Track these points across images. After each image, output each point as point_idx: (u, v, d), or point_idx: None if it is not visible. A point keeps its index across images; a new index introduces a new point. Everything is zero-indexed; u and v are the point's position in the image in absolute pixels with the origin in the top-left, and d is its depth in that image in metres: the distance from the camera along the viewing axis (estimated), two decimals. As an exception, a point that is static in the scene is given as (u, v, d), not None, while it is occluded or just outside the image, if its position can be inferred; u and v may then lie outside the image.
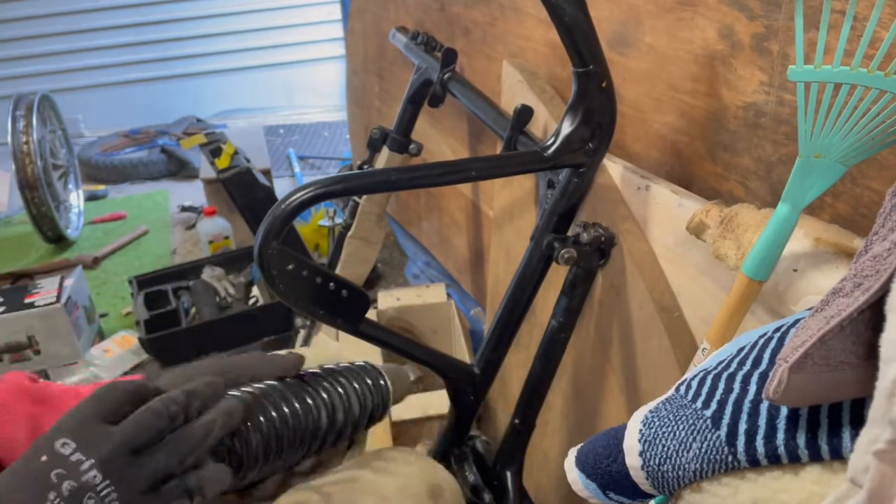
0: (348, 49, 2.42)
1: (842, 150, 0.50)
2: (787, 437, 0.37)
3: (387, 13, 1.91)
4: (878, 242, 0.39)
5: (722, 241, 0.63)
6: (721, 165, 0.77)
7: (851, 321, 0.34)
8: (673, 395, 0.45)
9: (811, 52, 0.59)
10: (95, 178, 3.40)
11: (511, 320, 0.94)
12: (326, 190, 0.78)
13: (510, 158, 0.87)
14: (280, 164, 3.41)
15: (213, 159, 2.20)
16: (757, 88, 0.70)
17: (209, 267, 2.23)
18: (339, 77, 3.86)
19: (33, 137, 2.55)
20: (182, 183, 3.36)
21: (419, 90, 1.38)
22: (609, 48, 0.91)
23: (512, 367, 1.18)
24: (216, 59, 4.11)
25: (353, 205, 1.55)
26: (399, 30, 1.55)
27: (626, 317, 0.83)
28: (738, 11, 0.70)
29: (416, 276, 2.16)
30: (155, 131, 3.78)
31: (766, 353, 0.42)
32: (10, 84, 3.89)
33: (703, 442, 0.40)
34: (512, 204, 1.18)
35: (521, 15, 1.18)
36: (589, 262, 0.86)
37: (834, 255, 0.55)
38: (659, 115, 0.86)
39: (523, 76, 1.10)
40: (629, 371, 0.85)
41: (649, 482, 0.44)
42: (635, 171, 0.84)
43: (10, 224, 3.05)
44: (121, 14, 3.94)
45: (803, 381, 0.34)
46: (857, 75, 0.47)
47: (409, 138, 1.46)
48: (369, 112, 2.24)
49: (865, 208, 0.60)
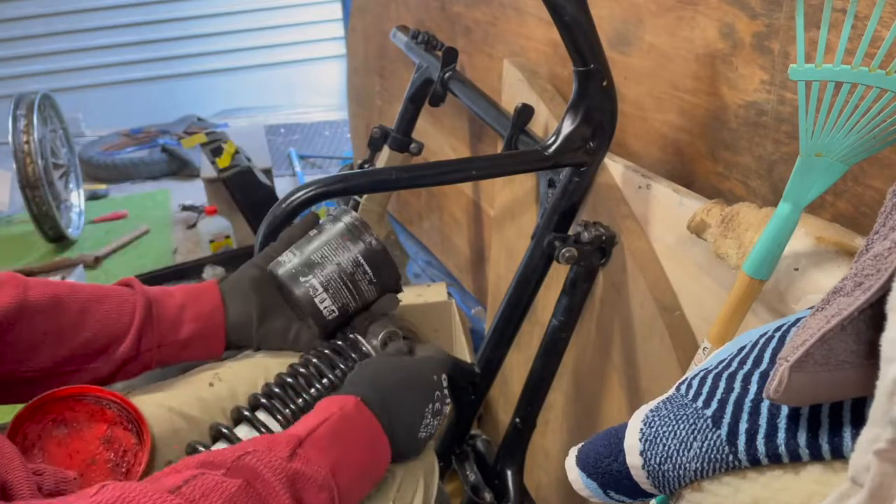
0: (349, 48, 2.42)
1: (843, 148, 0.50)
2: (788, 436, 0.37)
3: (388, 12, 1.91)
4: (879, 241, 0.39)
5: (723, 240, 0.63)
6: (722, 164, 0.77)
7: (852, 320, 0.34)
8: (674, 394, 0.45)
9: (812, 51, 0.59)
10: (96, 178, 3.40)
11: (512, 319, 0.94)
12: (327, 189, 0.78)
13: (511, 157, 0.87)
14: (281, 163, 3.41)
15: (214, 158, 2.20)
16: (758, 87, 0.69)
17: (210, 266, 2.23)
18: (339, 76, 3.86)
19: (34, 137, 2.54)
20: (183, 182, 3.36)
21: (420, 89, 1.37)
22: (610, 47, 0.91)
23: (513, 366, 1.18)
24: (217, 58, 4.11)
25: (353, 204, 1.55)
26: (400, 29, 1.55)
27: (627, 316, 0.83)
28: (739, 10, 0.70)
29: (417, 275, 2.16)
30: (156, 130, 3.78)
31: (766, 352, 0.42)
32: (10, 83, 3.89)
33: (704, 441, 0.40)
34: (513, 203, 1.18)
35: (522, 14, 1.18)
36: (590, 261, 0.86)
37: (835, 253, 0.55)
38: (660, 113, 0.86)
39: (524, 75, 1.10)
40: (630, 370, 0.85)
41: (650, 481, 0.44)
42: (636, 170, 0.84)
43: (12, 223, 3.05)
44: (122, 13, 3.94)
45: (804, 380, 0.34)
46: (858, 74, 0.47)
47: (410, 137, 1.46)
48: (370, 111, 2.24)
49: (867, 207, 0.60)
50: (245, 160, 2.22)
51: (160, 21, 3.99)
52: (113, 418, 0.65)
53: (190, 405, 0.70)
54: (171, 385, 0.73)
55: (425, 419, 0.65)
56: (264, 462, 0.50)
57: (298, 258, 0.74)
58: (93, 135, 3.99)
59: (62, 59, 4.00)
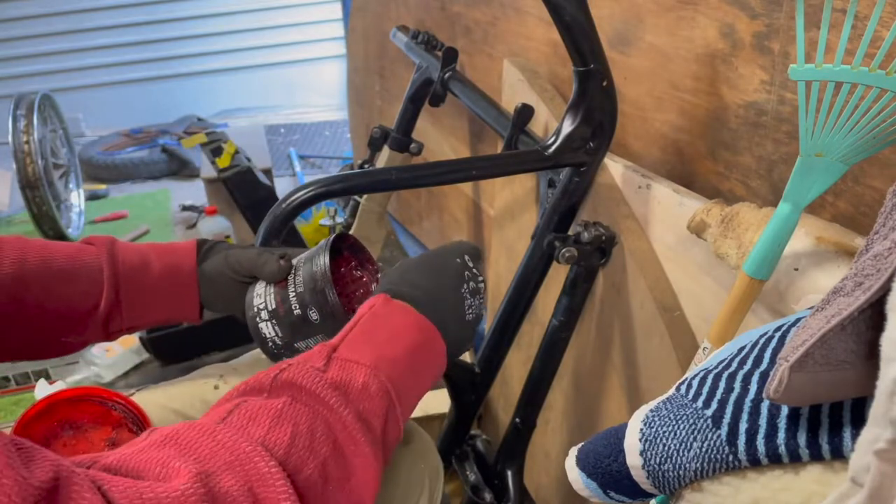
0: (349, 48, 2.42)
1: (843, 148, 0.50)
2: (788, 436, 0.37)
3: (388, 12, 1.91)
4: (879, 241, 0.39)
5: (723, 240, 0.63)
6: (722, 164, 0.77)
7: (852, 320, 0.34)
8: (674, 394, 0.45)
9: (812, 51, 0.59)
10: (96, 178, 3.40)
11: (512, 319, 0.94)
12: (327, 189, 0.78)
13: (511, 157, 0.87)
14: (281, 163, 3.40)
15: (214, 158, 2.20)
16: (758, 87, 0.69)
17: (210, 266, 2.23)
18: (340, 76, 3.86)
19: (34, 137, 2.54)
20: (183, 182, 3.36)
21: (420, 89, 1.37)
22: (610, 47, 0.91)
23: (513, 366, 1.18)
24: (217, 58, 4.11)
25: (353, 204, 1.56)
26: (400, 29, 1.55)
27: (627, 316, 0.83)
28: (739, 10, 0.70)
29: (417, 275, 2.15)
30: (156, 130, 3.78)
31: (766, 352, 0.42)
32: (10, 83, 3.89)
33: (704, 441, 0.40)
34: (513, 203, 1.18)
35: (522, 14, 1.18)
36: (590, 261, 0.86)
37: (835, 253, 0.55)
38: (660, 113, 0.86)
39: (524, 75, 1.10)
40: (630, 370, 0.85)
41: (650, 481, 0.44)
42: (636, 170, 0.84)
43: (12, 223, 3.05)
44: (122, 13, 3.94)
45: (804, 380, 0.34)
46: (858, 74, 0.47)
47: (410, 137, 1.46)
48: (370, 111, 2.24)
49: (867, 207, 0.60)
50: (245, 160, 2.22)
51: (160, 21, 3.99)
52: (118, 420, 0.65)
53: (194, 407, 0.70)
54: (176, 387, 0.73)
55: (466, 300, 0.63)
56: (301, 374, 0.48)
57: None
58: (93, 135, 3.99)
59: (62, 59, 3.99)
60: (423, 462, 0.68)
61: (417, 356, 0.56)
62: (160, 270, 0.69)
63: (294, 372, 0.49)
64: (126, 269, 0.69)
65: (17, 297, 0.64)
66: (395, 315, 0.57)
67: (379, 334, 0.55)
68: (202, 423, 0.43)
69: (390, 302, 0.58)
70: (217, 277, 0.70)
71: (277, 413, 0.45)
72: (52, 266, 0.66)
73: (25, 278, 0.64)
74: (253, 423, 0.44)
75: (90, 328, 0.68)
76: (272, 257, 0.67)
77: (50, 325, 0.67)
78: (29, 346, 0.67)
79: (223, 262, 0.70)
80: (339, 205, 2.12)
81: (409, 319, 0.57)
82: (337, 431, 0.47)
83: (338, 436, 0.47)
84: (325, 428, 0.47)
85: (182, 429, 0.43)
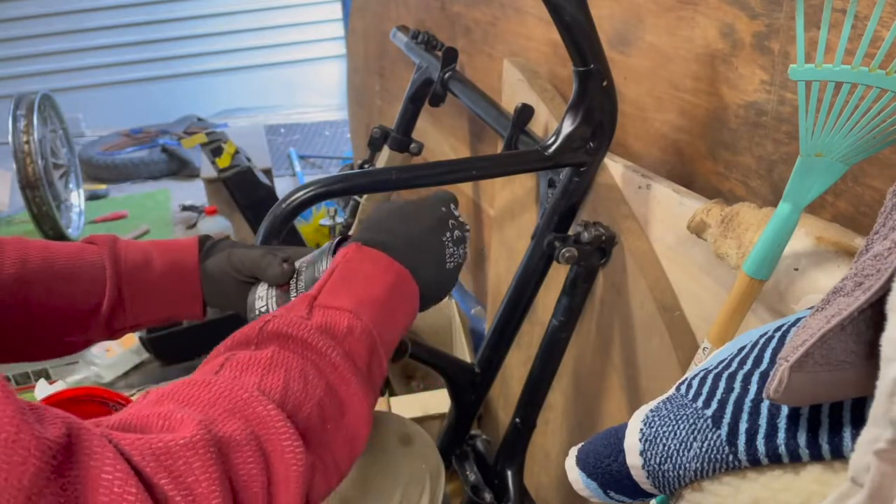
0: (349, 48, 2.42)
1: (843, 148, 0.50)
2: (788, 436, 0.37)
3: (388, 12, 1.91)
4: (879, 241, 0.39)
5: (723, 240, 0.63)
6: (722, 164, 0.77)
7: (852, 320, 0.34)
8: (674, 394, 0.45)
9: (812, 51, 0.59)
10: (96, 178, 3.40)
11: (512, 319, 0.94)
12: (327, 189, 0.78)
13: (511, 157, 0.87)
14: (281, 163, 3.41)
15: (213, 158, 2.20)
16: (758, 87, 0.69)
17: (210, 266, 2.23)
18: (340, 76, 3.86)
19: (34, 137, 2.54)
20: (183, 182, 3.36)
21: (420, 89, 1.37)
22: (610, 47, 0.91)
23: (513, 366, 1.18)
24: (217, 58, 4.11)
25: (353, 204, 1.56)
26: (400, 29, 1.55)
27: (627, 316, 0.83)
28: (739, 10, 0.70)
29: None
30: (156, 130, 3.78)
31: (766, 352, 0.42)
32: (10, 83, 3.89)
33: (704, 441, 0.40)
34: (513, 203, 1.18)
35: (522, 14, 1.18)
36: (590, 261, 0.86)
37: (835, 253, 0.55)
38: (660, 113, 0.86)
39: (524, 75, 1.10)
40: (630, 370, 0.85)
41: (650, 481, 0.44)
42: (636, 170, 0.84)
43: (12, 223, 3.05)
44: (122, 13, 3.94)
45: (804, 380, 0.34)
46: (858, 74, 0.47)
47: (410, 137, 1.46)
48: (370, 111, 2.24)
49: (867, 207, 0.60)
50: (245, 160, 2.22)
51: (160, 21, 3.99)
52: None
53: None
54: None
55: (447, 248, 0.64)
56: (286, 323, 0.50)
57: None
58: (93, 135, 3.99)
59: (62, 59, 4.00)
60: (424, 462, 0.68)
61: (392, 298, 0.58)
62: (162, 267, 0.70)
63: (279, 322, 0.50)
64: (128, 267, 0.69)
65: (20, 298, 0.64)
66: (367, 261, 0.59)
67: (355, 281, 0.57)
68: (196, 378, 0.45)
69: (362, 249, 0.60)
70: (220, 276, 0.70)
71: (268, 361, 0.47)
72: (54, 265, 0.66)
73: (27, 278, 0.64)
74: (246, 373, 0.46)
75: (93, 327, 0.68)
76: (275, 260, 0.67)
77: (53, 324, 0.67)
78: (32, 346, 0.67)
79: (226, 261, 0.70)
80: (339, 205, 2.12)
81: (381, 265, 0.59)
82: (328, 373, 0.49)
83: (329, 376, 0.49)
84: (315, 371, 0.48)
85: (178, 385, 0.44)
